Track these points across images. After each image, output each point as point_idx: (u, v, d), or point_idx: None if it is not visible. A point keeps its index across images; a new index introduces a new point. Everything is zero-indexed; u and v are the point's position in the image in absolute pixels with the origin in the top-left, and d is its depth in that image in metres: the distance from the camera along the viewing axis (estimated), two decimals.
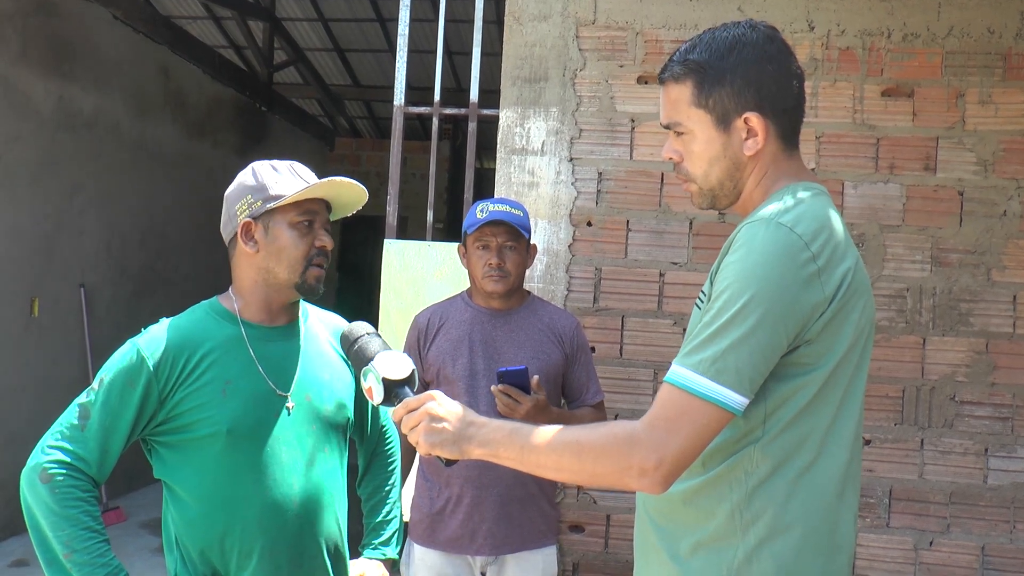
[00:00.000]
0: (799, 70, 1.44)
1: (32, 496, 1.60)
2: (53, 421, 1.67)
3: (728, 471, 1.34)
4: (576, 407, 2.61)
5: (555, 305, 2.73)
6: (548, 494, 2.59)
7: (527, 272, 3.19)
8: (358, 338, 1.59)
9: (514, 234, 2.51)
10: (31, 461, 1.63)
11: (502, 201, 2.56)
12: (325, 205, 1.81)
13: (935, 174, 3.09)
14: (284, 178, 1.76)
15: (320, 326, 1.90)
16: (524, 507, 2.50)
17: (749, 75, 1.39)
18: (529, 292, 2.68)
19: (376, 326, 3.25)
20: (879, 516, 3.08)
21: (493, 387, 2.32)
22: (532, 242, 2.66)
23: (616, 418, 3.10)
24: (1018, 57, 3.06)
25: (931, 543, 3.05)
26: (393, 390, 1.50)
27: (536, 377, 2.34)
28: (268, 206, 1.73)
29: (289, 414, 1.74)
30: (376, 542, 1.99)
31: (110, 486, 5.83)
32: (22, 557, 4.90)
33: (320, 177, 1.81)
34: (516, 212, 2.53)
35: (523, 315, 2.58)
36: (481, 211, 2.52)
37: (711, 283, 1.36)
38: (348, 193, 1.81)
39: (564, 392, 2.62)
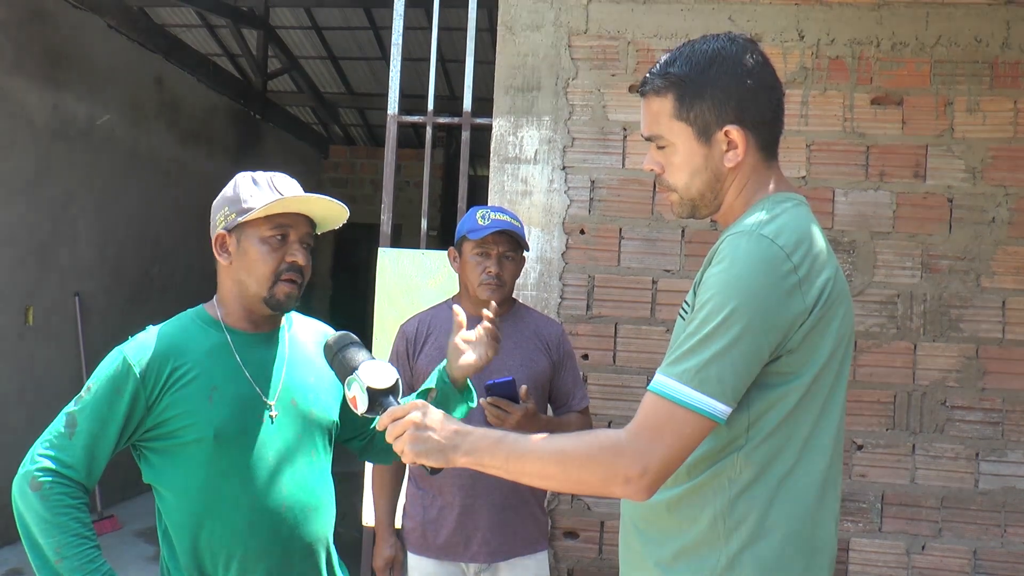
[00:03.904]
0: (778, 82, 1.46)
1: (23, 503, 1.63)
2: (43, 432, 1.70)
3: (712, 478, 1.36)
4: (562, 413, 2.61)
5: (540, 312, 2.73)
6: (539, 499, 2.60)
7: (521, 280, 3.21)
8: (341, 348, 1.59)
9: (515, 245, 2.52)
10: (21, 469, 1.66)
11: (502, 211, 2.55)
12: (306, 220, 1.79)
13: (924, 181, 3.12)
14: (260, 191, 1.76)
15: (305, 331, 1.92)
16: (517, 513, 2.51)
17: (729, 88, 1.40)
18: (515, 300, 2.68)
19: (370, 334, 3.26)
20: (871, 521, 3.09)
21: (481, 400, 2.29)
22: (524, 254, 2.66)
23: (609, 425, 3.12)
24: (1005, 66, 3.10)
25: (923, 547, 3.07)
26: (378, 399, 1.51)
27: (524, 387, 2.33)
28: (239, 219, 1.74)
29: (273, 420, 1.76)
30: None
31: (105, 494, 5.83)
32: (16, 566, 4.89)
33: (311, 189, 1.81)
34: (516, 224, 2.53)
35: (510, 323, 2.57)
36: (483, 218, 2.50)
37: (694, 293, 1.38)
38: (325, 209, 1.79)
39: (550, 398, 2.63)
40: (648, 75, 1.47)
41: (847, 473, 3.08)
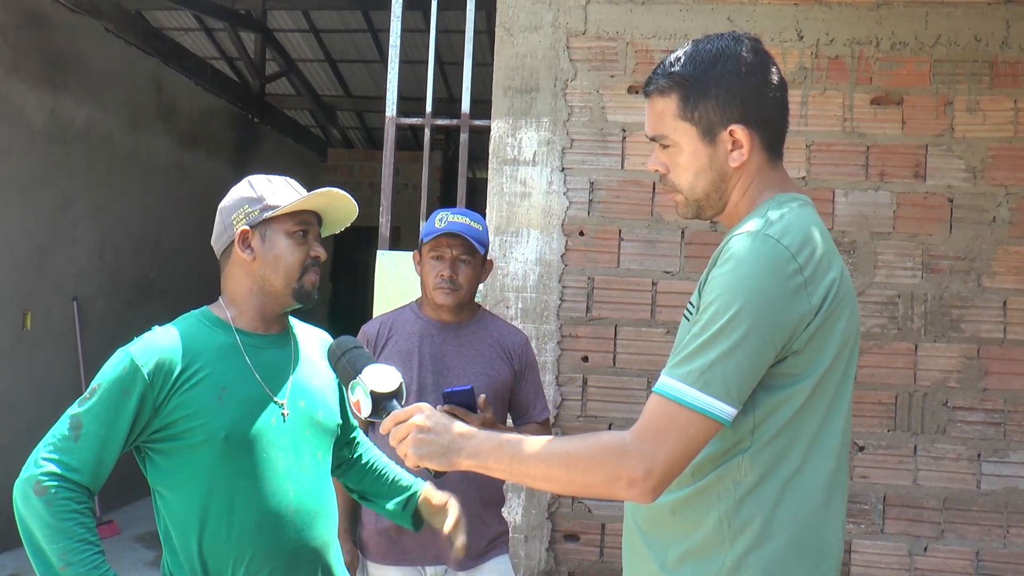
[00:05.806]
0: (783, 81, 1.45)
1: (26, 509, 1.60)
2: (45, 435, 1.67)
3: (717, 481, 1.35)
4: (522, 424, 2.56)
5: (504, 321, 2.68)
6: (494, 509, 2.54)
7: (520, 283, 3.20)
8: (345, 351, 1.59)
9: (469, 248, 2.46)
10: (24, 473, 1.63)
11: (463, 212, 2.51)
12: (317, 219, 1.85)
13: (925, 181, 3.11)
14: (280, 189, 1.82)
15: (305, 337, 1.93)
16: (471, 522, 2.45)
17: (733, 88, 1.40)
18: (480, 306, 2.63)
19: None
20: (873, 522, 3.08)
21: (439, 407, 2.23)
22: (489, 258, 2.61)
23: (610, 427, 3.11)
24: (1005, 65, 3.09)
25: (925, 549, 3.06)
26: (381, 403, 1.50)
27: (483, 396, 2.28)
28: (266, 215, 1.77)
29: (284, 420, 1.77)
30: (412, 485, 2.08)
31: (104, 499, 5.80)
32: (15, 572, 4.87)
33: (310, 192, 1.84)
34: (475, 225, 2.48)
35: (473, 329, 2.52)
36: (440, 220, 2.47)
37: (699, 294, 1.37)
38: (340, 206, 1.85)
39: (511, 408, 2.58)
40: (652, 75, 1.46)
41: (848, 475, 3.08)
